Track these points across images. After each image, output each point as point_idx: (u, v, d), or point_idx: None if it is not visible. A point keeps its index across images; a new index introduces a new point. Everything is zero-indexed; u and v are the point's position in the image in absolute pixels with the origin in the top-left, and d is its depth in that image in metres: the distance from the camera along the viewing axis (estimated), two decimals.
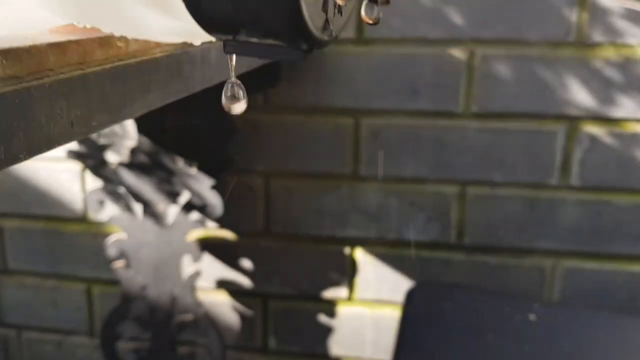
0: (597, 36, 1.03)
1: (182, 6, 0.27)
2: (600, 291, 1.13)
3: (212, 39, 0.30)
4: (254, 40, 0.28)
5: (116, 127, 1.17)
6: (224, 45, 0.29)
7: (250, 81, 1.07)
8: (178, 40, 0.32)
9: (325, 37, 0.29)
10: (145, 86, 0.46)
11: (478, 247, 1.14)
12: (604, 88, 1.04)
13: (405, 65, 1.08)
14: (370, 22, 0.28)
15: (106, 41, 0.40)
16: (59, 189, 1.26)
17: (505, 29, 1.05)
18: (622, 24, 1.02)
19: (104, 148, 1.15)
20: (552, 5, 1.03)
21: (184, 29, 0.30)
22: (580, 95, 1.05)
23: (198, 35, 0.30)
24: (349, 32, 1.09)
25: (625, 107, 1.05)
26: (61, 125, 0.36)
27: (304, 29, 0.27)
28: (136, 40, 0.44)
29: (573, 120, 1.06)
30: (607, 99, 1.05)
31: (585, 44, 1.03)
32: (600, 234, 1.11)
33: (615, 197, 1.09)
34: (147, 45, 0.45)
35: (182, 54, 0.51)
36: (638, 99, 1.04)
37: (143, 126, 1.12)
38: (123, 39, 0.42)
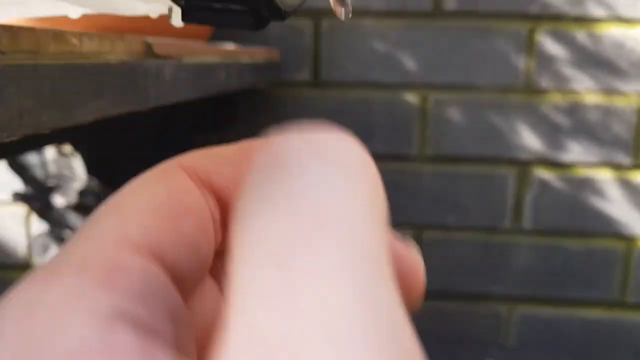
0: (545, 82, 1.06)
1: None
2: (555, 336, 1.13)
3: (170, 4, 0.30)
4: (216, 5, 0.28)
5: (64, 169, 1.14)
6: (184, 12, 0.28)
7: (204, 120, 1.07)
8: (138, 13, 0.31)
9: (289, 5, 0.28)
10: (97, 90, 0.45)
11: (433, 293, 1.14)
12: (552, 133, 1.07)
13: (360, 108, 1.10)
14: (342, 15, 0.28)
15: (61, 36, 0.39)
16: (1, 234, 1.21)
17: (456, 75, 1.07)
18: (568, 71, 1.06)
19: (51, 190, 1.12)
20: (501, 52, 1.07)
21: (146, 5, 0.30)
22: (530, 140, 1.08)
23: (159, 8, 0.30)
24: (305, 74, 1.10)
25: (574, 151, 1.07)
26: (10, 113, 0.35)
27: None
28: (90, 40, 0.43)
29: (524, 165, 1.09)
30: (556, 143, 1.08)
31: (533, 89, 1.07)
32: (553, 278, 1.12)
33: (567, 241, 1.11)
34: (101, 47, 0.44)
35: (137, 65, 0.50)
36: (586, 143, 1.07)
37: (92, 166, 1.09)
38: (77, 36, 0.41)
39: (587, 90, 1.06)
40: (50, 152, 1.15)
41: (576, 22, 1.05)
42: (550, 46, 1.06)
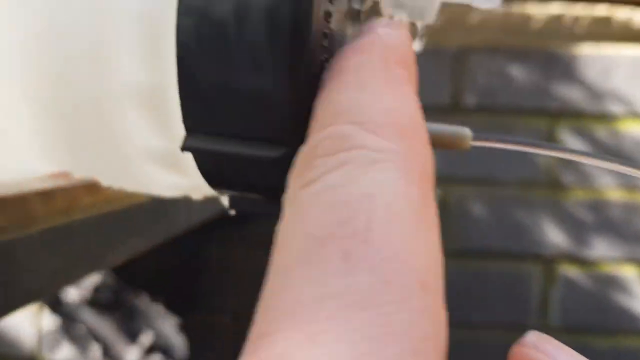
0: (567, 178, 1.05)
1: (192, 165, 0.25)
2: None
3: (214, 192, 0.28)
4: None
5: None
6: (230, 202, 0.27)
7: (223, 218, 1.04)
8: (178, 194, 0.29)
9: None
10: (129, 231, 0.43)
11: None
12: (577, 229, 1.05)
13: None
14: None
15: (93, 187, 0.38)
16: (12, 327, 1.18)
17: (478, 169, 1.06)
18: (590, 167, 1.05)
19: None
20: None
21: (188, 185, 0.28)
22: (555, 236, 1.06)
23: (201, 190, 0.28)
24: None
25: (599, 247, 1.05)
26: (41, 277, 0.33)
27: None
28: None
29: (549, 261, 1.06)
30: (580, 239, 1.06)
31: (556, 185, 1.05)
32: None
33: (594, 340, 1.07)
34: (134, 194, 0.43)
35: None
36: (610, 239, 1.05)
37: None
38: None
39: (609, 186, 1.04)
40: None
41: (596, 119, 1.05)
42: (571, 142, 1.05)
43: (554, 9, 1.02)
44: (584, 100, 1.05)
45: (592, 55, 1.04)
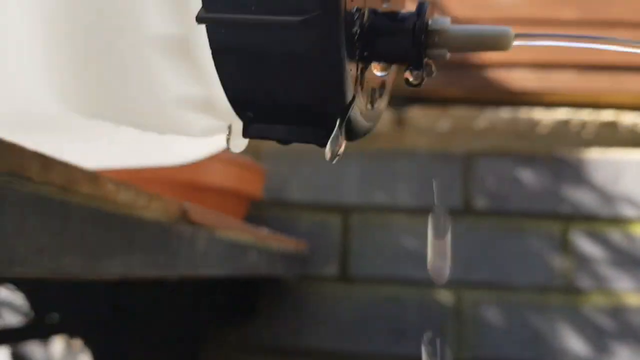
0: (584, 283, 1.01)
1: (224, 103, 0.24)
2: None
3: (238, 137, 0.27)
4: (286, 119, 0.25)
5: None
6: (245, 128, 0.25)
7: (223, 308, 1.00)
8: (210, 135, 0.28)
9: (359, 126, 0.26)
10: (128, 244, 0.41)
11: None
12: (597, 336, 0.99)
13: (390, 306, 1.04)
14: (414, 81, 0.25)
15: (96, 178, 0.36)
16: None
17: (491, 273, 1.03)
18: (607, 271, 1.01)
19: None
20: (535, 251, 1.03)
21: (219, 127, 0.27)
22: (574, 344, 1.00)
23: (230, 129, 0.27)
24: (333, 269, 1.06)
25: (621, 356, 0.98)
26: (29, 247, 0.31)
27: (344, 101, 0.23)
28: (127, 191, 0.40)
29: None
30: (601, 348, 0.99)
31: (572, 290, 1.01)
32: None
33: None
34: (136, 201, 0.41)
35: (171, 225, 0.47)
36: (633, 347, 0.98)
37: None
38: (115, 182, 0.38)
39: (628, 291, 1.00)
40: (58, 345, 1.08)
41: (609, 223, 1.02)
42: (586, 246, 1.02)
43: (561, 114, 1.04)
44: (596, 204, 1.03)
45: (601, 159, 1.04)
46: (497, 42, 0.24)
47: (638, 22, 1.06)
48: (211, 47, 0.22)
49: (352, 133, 0.26)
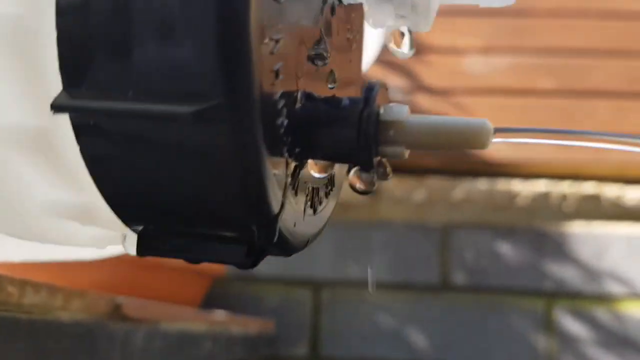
0: None
1: (107, 212, 0.18)
2: None
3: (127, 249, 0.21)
4: (191, 231, 0.19)
5: None
6: (140, 245, 0.19)
7: None
8: (98, 246, 0.22)
9: (294, 238, 0.20)
10: (41, 354, 0.34)
11: None
12: None
13: None
14: (362, 187, 0.19)
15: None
16: None
17: (471, 354, 0.96)
18: (594, 352, 0.94)
19: None
20: (518, 330, 0.96)
21: (106, 236, 0.21)
22: None
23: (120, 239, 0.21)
24: (303, 349, 0.98)
25: None
26: None
27: (267, 214, 0.18)
28: (35, 292, 0.33)
29: None
30: None
31: None
32: None
33: None
34: (49, 301, 0.35)
35: (97, 325, 0.40)
36: None
37: None
38: (17, 284, 0.32)
39: None
40: None
41: (595, 300, 0.97)
42: (571, 325, 0.96)
43: (540, 186, 0.99)
44: (580, 280, 0.98)
45: (584, 233, 0.99)
46: (471, 140, 0.19)
47: (615, 91, 1.03)
48: (79, 144, 0.17)
49: (285, 248, 0.20)
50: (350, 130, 0.19)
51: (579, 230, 0.99)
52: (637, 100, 1.02)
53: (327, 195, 0.24)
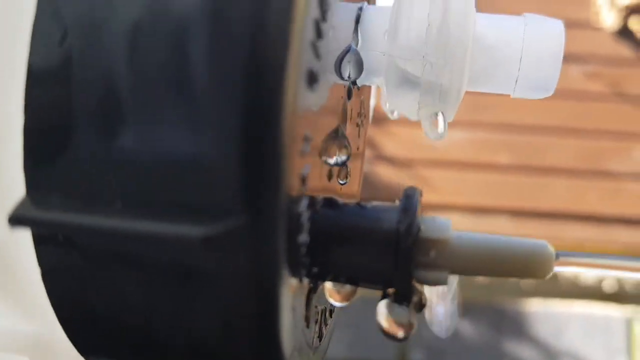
0: None
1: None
2: None
3: None
4: None
5: None
6: None
7: None
8: None
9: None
10: None
11: None
12: None
13: None
14: (400, 333, 0.15)
15: None
16: None
17: None
18: None
19: None
20: None
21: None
22: None
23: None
24: None
25: None
26: None
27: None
28: None
29: None
30: None
31: None
32: None
33: None
34: None
35: None
36: None
37: None
38: None
39: None
40: None
41: None
42: None
43: None
44: (538, 358, 0.94)
45: (542, 312, 0.97)
46: (531, 269, 0.15)
47: (571, 169, 1.03)
48: (39, 262, 0.12)
49: None
50: (384, 249, 0.15)
51: (538, 308, 0.97)
52: (592, 179, 1.02)
53: (332, 313, 0.19)
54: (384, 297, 0.15)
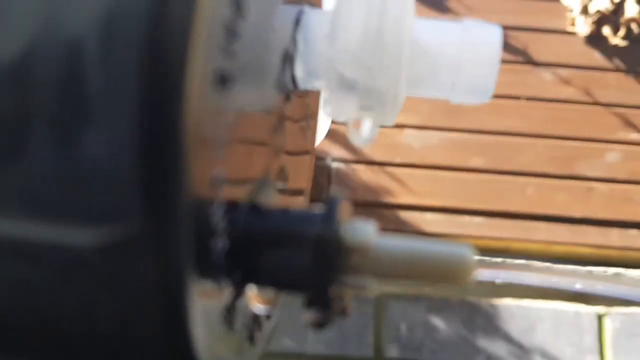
0: None
1: None
2: None
3: None
4: None
5: None
6: None
7: None
8: None
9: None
10: None
11: None
12: None
13: None
14: (315, 324, 0.14)
15: None
16: None
17: None
18: None
19: None
20: None
21: None
22: None
23: None
24: None
25: None
26: None
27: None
28: None
29: None
30: None
31: None
32: None
33: None
34: None
35: None
36: None
37: None
38: None
39: None
40: None
41: None
42: None
43: None
44: (511, 355, 0.95)
45: (514, 307, 0.97)
46: (450, 274, 0.15)
47: (542, 171, 1.03)
48: None
49: None
50: (304, 253, 0.14)
51: (510, 304, 0.97)
52: (562, 180, 1.02)
53: (270, 316, 0.19)
54: (307, 302, 0.15)
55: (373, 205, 1.01)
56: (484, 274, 0.16)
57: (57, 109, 0.11)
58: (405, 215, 1.00)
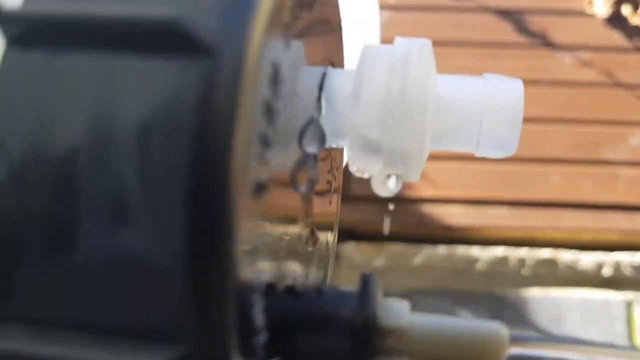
0: None
1: None
2: None
3: None
4: None
5: None
6: None
7: None
8: None
9: None
10: None
11: None
12: None
13: None
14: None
15: None
16: None
17: None
18: None
19: None
20: None
21: None
22: None
23: None
24: None
25: None
26: None
27: None
28: None
29: None
30: None
31: None
32: None
33: None
34: None
35: None
36: None
37: None
38: None
39: None
40: None
41: None
42: None
43: (498, 251, 0.97)
44: None
45: (543, 298, 0.97)
46: (484, 352, 0.15)
47: (566, 158, 1.02)
48: None
49: None
50: (340, 337, 0.15)
51: (538, 294, 0.97)
52: (586, 166, 1.01)
53: None
54: None
55: (395, 200, 1.01)
56: (517, 351, 0.16)
57: (109, 216, 0.11)
58: (428, 208, 1.00)
